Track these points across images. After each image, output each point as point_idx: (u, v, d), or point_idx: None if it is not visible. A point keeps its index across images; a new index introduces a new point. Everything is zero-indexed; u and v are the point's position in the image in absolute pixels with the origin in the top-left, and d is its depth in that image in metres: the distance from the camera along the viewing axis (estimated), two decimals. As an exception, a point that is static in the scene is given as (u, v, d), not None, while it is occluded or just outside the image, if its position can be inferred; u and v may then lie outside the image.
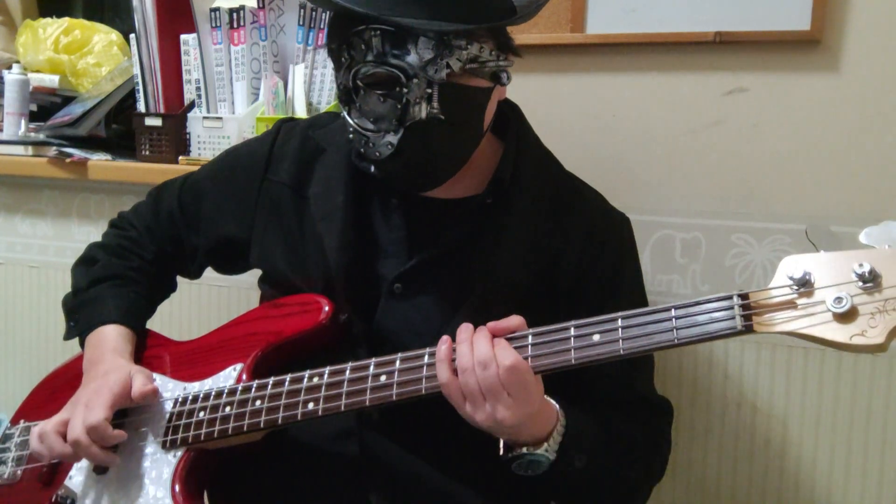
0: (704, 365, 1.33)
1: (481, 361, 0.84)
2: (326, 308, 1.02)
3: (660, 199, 1.34)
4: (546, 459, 0.89)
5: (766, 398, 1.31)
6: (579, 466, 0.91)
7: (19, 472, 1.10)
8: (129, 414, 1.05)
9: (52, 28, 1.88)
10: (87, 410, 0.98)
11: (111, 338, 1.10)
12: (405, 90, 0.93)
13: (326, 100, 1.51)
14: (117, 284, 1.17)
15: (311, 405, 0.93)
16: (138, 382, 1.02)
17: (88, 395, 1.01)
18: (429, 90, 0.93)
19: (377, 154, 0.96)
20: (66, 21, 1.90)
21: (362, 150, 0.98)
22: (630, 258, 1.11)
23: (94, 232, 1.75)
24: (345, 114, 0.98)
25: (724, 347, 1.32)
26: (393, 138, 0.95)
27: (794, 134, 1.26)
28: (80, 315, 1.15)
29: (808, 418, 1.28)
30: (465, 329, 0.88)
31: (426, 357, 0.90)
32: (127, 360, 1.08)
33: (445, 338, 0.88)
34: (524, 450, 0.89)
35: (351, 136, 0.99)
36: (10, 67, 1.80)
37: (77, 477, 1.04)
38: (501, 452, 0.91)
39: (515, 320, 0.88)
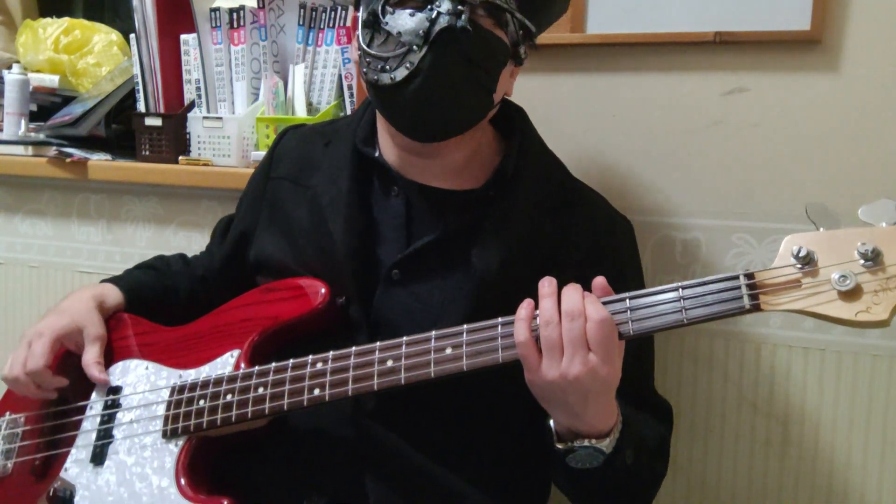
0: (704, 365, 1.33)
1: (569, 312, 0.83)
2: (323, 291, 1.01)
3: (660, 199, 1.34)
4: (603, 454, 0.88)
5: (766, 398, 1.30)
6: (629, 463, 0.91)
7: (10, 465, 1.09)
8: (123, 403, 1.05)
9: (52, 28, 1.88)
10: (30, 355, 1.07)
11: (100, 286, 1.18)
12: (437, 3, 0.94)
13: (326, 100, 1.51)
14: (147, 271, 1.25)
15: (316, 391, 0.93)
16: (90, 355, 1.09)
17: (34, 334, 1.09)
18: (460, 7, 0.94)
19: (391, 78, 0.96)
20: (66, 21, 1.90)
21: (376, 77, 0.97)
22: (632, 262, 1.11)
23: (94, 232, 1.76)
24: (364, 46, 0.99)
25: (725, 347, 1.32)
26: (414, 57, 0.94)
27: (794, 134, 1.26)
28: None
29: (808, 418, 1.28)
30: (549, 283, 0.87)
31: (433, 340, 0.89)
32: (93, 306, 1.13)
33: (527, 301, 0.87)
34: (587, 442, 0.88)
35: (366, 69, 0.99)
36: (10, 67, 1.80)
37: (73, 468, 1.04)
38: (559, 444, 0.89)
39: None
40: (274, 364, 0.97)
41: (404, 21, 0.95)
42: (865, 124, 1.23)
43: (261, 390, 0.96)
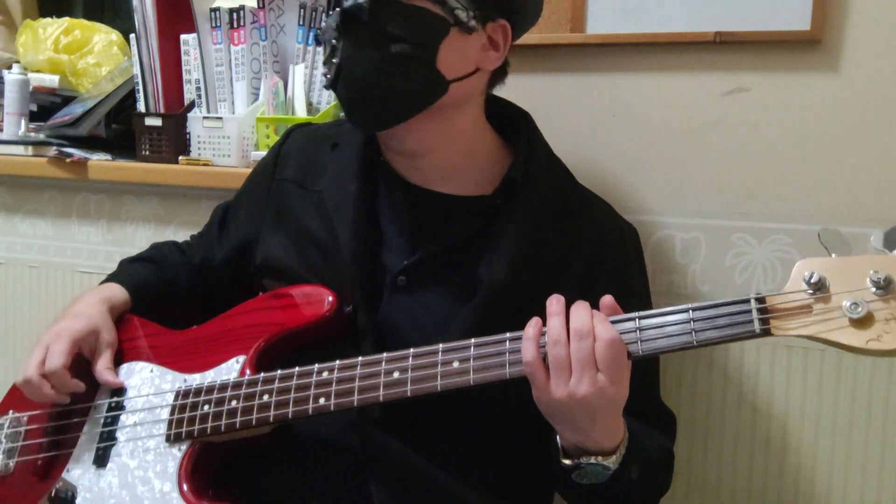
0: (704, 365, 1.33)
1: (578, 331, 0.83)
2: (330, 299, 1.01)
3: (660, 199, 1.34)
4: (609, 470, 0.88)
5: (765, 398, 1.30)
6: (634, 478, 0.91)
7: (11, 464, 1.09)
8: (127, 405, 1.05)
9: (52, 28, 1.88)
10: (48, 355, 1.05)
11: (107, 287, 1.17)
12: None
13: (326, 100, 1.51)
14: (147, 265, 1.24)
15: (322, 400, 0.92)
16: (104, 361, 1.08)
17: (51, 336, 1.07)
18: None
19: (330, 78, 1.00)
20: (66, 21, 1.90)
21: (327, 84, 1.02)
22: (636, 268, 1.11)
23: (93, 232, 1.76)
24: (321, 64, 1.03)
25: (725, 347, 1.32)
26: (336, 52, 0.99)
27: (794, 134, 1.26)
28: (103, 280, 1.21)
29: (808, 418, 1.28)
30: (557, 301, 0.87)
31: (440, 353, 0.89)
32: (105, 310, 1.12)
33: (535, 319, 0.87)
34: (594, 459, 0.87)
35: (327, 83, 1.03)
36: (10, 67, 1.80)
37: (75, 470, 1.04)
38: (567, 461, 0.89)
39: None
40: (279, 371, 0.96)
41: (327, 24, 0.99)
42: (865, 124, 1.23)
43: (266, 397, 0.95)
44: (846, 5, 1.22)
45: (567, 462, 0.89)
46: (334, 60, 0.99)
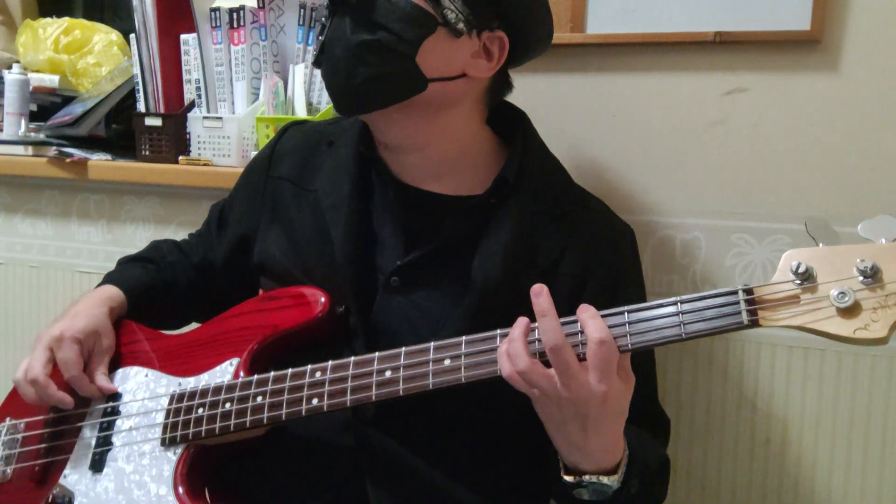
0: (704, 365, 1.33)
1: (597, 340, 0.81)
2: (322, 300, 1.01)
3: (660, 199, 1.34)
4: (611, 489, 0.88)
5: (766, 398, 1.30)
6: (634, 493, 0.90)
7: (9, 471, 1.09)
8: (122, 410, 1.05)
9: (52, 28, 1.88)
10: (63, 363, 1.04)
11: (106, 289, 1.15)
12: None
13: (326, 100, 1.51)
14: (146, 265, 1.23)
15: (314, 401, 0.93)
16: (101, 366, 1.08)
17: (52, 340, 1.05)
18: None
19: (315, 55, 1.04)
20: (66, 21, 1.90)
21: (315, 63, 1.05)
22: (631, 268, 1.10)
23: (94, 232, 1.76)
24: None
25: (725, 347, 1.32)
26: (324, 35, 1.01)
27: (794, 134, 1.26)
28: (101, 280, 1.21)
29: (808, 418, 1.28)
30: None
31: (432, 352, 0.89)
32: (106, 311, 1.11)
33: (522, 319, 0.86)
34: (597, 479, 0.87)
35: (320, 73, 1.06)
36: (10, 67, 1.80)
37: (72, 475, 1.04)
38: (568, 477, 0.89)
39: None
40: (272, 373, 0.97)
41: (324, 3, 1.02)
42: (865, 124, 1.23)
43: (259, 399, 0.96)
44: (846, 5, 1.22)
45: (569, 479, 0.89)
46: (321, 38, 1.01)
